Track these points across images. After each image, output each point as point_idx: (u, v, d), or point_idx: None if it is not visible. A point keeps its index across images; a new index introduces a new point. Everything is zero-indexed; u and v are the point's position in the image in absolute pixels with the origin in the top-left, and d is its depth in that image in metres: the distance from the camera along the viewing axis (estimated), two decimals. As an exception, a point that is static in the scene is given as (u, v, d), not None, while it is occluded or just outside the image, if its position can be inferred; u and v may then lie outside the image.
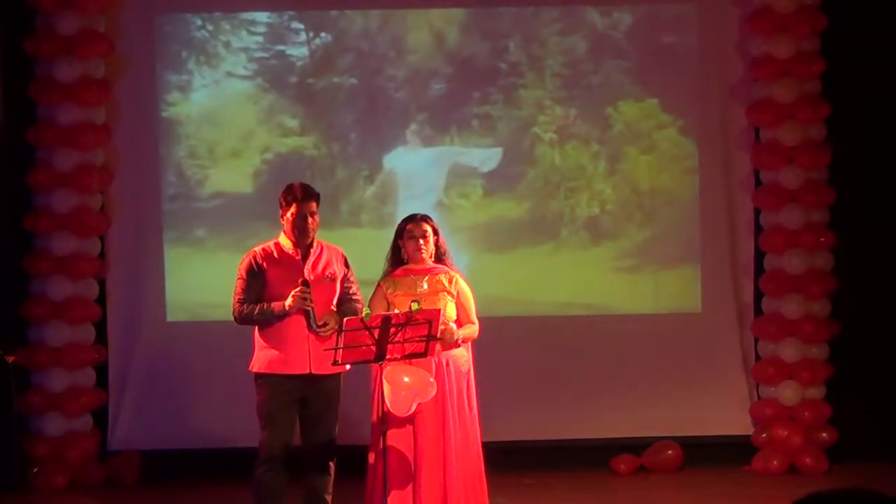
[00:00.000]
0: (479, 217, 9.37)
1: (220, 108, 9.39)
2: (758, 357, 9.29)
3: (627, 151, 9.38)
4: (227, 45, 9.33)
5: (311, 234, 6.61)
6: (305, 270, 6.57)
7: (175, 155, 9.35)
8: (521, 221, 9.37)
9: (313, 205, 6.61)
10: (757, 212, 9.27)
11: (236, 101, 9.38)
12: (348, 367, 6.42)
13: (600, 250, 9.38)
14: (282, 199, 6.65)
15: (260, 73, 9.35)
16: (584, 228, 9.37)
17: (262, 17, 9.36)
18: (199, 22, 9.37)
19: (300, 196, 6.59)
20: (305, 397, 6.55)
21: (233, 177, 9.36)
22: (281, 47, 9.35)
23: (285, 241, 6.65)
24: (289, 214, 6.60)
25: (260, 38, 9.33)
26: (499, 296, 9.13)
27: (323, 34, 9.39)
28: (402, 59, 9.37)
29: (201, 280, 9.25)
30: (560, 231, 9.37)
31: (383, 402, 6.30)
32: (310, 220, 6.58)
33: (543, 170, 9.36)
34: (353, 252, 7.00)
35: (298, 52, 9.37)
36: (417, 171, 9.35)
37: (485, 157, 9.35)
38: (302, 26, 9.38)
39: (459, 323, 6.72)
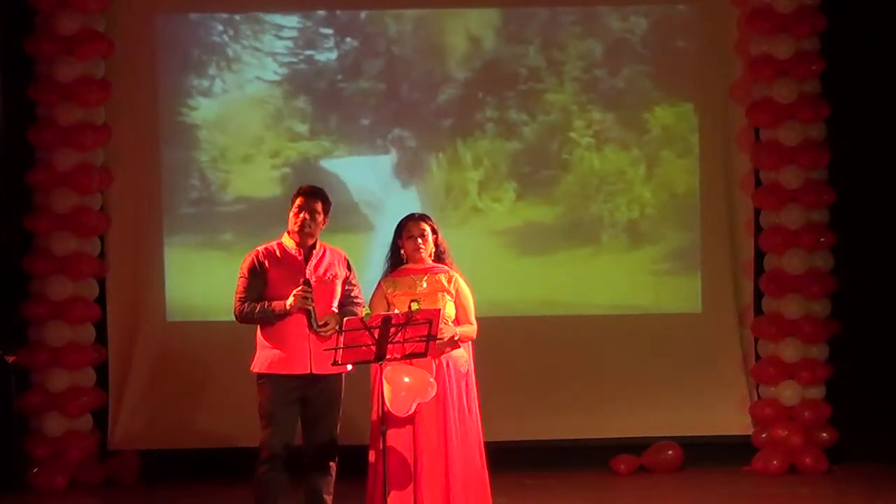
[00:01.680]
0: (512, 221, 9.39)
1: (243, 113, 9.36)
2: (758, 357, 9.29)
3: (664, 155, 9.40)
4: (251, 49, 9.31)
5: (309, 231, 6.60)
6: (307, 271, 6.57)
7: (197, 159, 9.35)
8: (555, 225, 9.38)
9: (317, 203, 6.62)
10: (757, 212, 9.28)
11: (260, 106, 9.35)
12: (350, 367, 6.42)
13: (627, 254, 9.44)
14: (293, 195, 6.70)
15: (287, 78, 9.33)
16: (624, 232, 9.39)
17: (293, 21, 9.33)
18: (221, 27, 9.35)
19: (305, 191, 6.65)
20: (306, 397, 6.56)
21: (254, 181, 9.33)
22: (309, 52, 9.34)
23: (288, 242, 6.66)
24: (293, 207, 6.62)
25: (289, 43, 9.33)
26: (503, 297, 9.16)
27: (349, 39, 9.36)
28: (434, 64, 9.35)
29: (201, 280, 9.25)
30: (600, 234, 9.40)
31: (383, 401, 6.30)
32: (308, 216, 6.59)
33: (580, 174, 9.37)
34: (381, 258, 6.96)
35: (326, 56, 9.35)
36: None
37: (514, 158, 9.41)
38: (331, 31, 9.36)
39: (458, 322, 6.71)
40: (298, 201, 6.62)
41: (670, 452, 9.17)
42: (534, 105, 9.37)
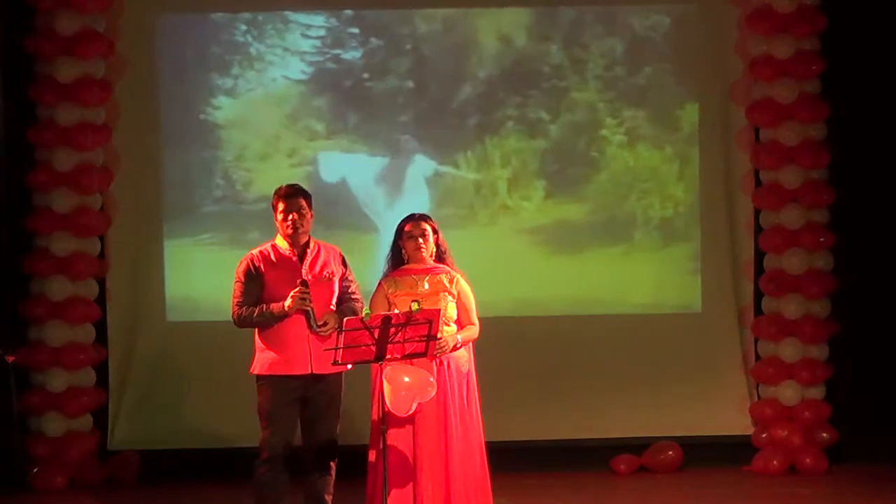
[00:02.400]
0: (542, 219, 9.39)
1: (266, 112, 9.35)
2: (758, 357, 9.29)
3: (695, 153, 9.41)
4: (274, 48, 9.31)
5: (300, 230, 6.60)
6: (303, 271, 6.56)
7: (221, 158, 9.35)
8: (585, 223, 9.38)
9: (301, 201, 6.61)
10: (757, 212, 9.28)
11: (282, 104, 9.34)
12: (350, 366, 6.42)
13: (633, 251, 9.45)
14: (272, 201, 6.67)
15: (314, 77, 9.32)
16: (657, 230, 9.39)
17: (319, 20, 9.33)
18: (245, 27, 9.34)
19: (285, 193, 6.63)
20: (306, 397, 6.55)
21: (277, 180, 9.28)
22: (337, 51, 9.33)
23: (282, 243, 6.65)
24: (278, 213, 6.61)
25: (317, 42, 9.32)
26: (504, 297, 9.16)
27: (373, 39, 9.34)
28: (459, 63, 9.34)
29: (202, 280, 9.25)
30: (633, 233, 9.40)
31: (384, 401, 6.30)
32: (297, 215, 6.58)
33: (612, 172, 9.36)
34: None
35: (352, 55, 9.33)
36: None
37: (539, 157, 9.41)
38: (357, 30, 9.35)
39: (460, 323, 6.72)
40: (282, 205, 6.59)
41: (670, 452, 9.16)
42: (558, 103, 9.36)
